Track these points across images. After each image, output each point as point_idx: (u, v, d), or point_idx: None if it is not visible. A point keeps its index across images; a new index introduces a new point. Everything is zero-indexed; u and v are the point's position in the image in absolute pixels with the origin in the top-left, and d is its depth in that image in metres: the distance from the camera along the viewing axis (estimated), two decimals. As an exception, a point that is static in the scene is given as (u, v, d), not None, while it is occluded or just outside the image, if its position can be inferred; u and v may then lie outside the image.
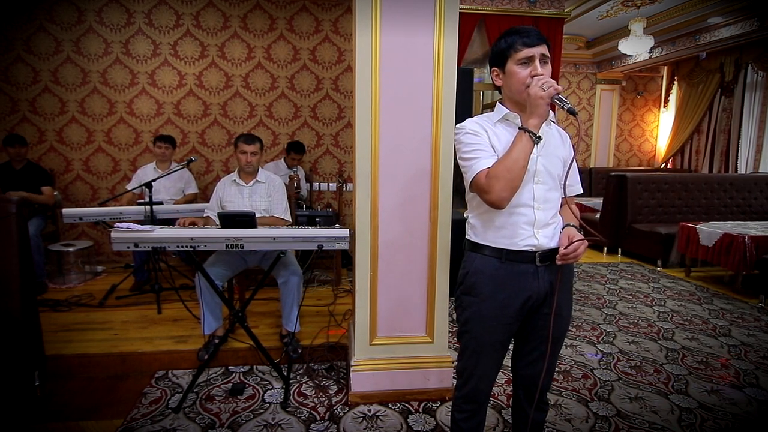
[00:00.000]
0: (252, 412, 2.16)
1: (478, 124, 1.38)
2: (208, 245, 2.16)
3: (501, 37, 1.35)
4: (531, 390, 1.51)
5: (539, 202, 1.34)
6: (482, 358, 1.45)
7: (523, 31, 1.30)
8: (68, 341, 2.68)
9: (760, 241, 3.89)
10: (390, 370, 2.27)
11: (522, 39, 1.28)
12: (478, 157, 1.32)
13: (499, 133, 1.37)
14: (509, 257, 1.36)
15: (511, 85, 1.33)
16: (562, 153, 1.41)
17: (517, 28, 1.32)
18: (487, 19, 4.37)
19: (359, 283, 2.23)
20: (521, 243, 1.34)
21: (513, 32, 1.32)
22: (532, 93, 1.24)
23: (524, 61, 1.29)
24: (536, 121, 1.26)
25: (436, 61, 2.07)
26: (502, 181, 1.25)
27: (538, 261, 1.35)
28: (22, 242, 2.06)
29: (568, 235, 1.32)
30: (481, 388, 1.48)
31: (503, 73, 1.35)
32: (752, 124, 6.39)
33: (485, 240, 1.39)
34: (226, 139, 4.72)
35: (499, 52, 1.34)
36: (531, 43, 1.28)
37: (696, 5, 5.19)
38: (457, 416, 1.54)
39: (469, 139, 1.36)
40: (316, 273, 4.29)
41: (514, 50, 1.29)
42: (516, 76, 1.31)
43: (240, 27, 4.56)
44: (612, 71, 7.63)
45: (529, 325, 1.45)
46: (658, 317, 3.46)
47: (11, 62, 4.29)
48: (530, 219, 1.34)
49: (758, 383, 2.49)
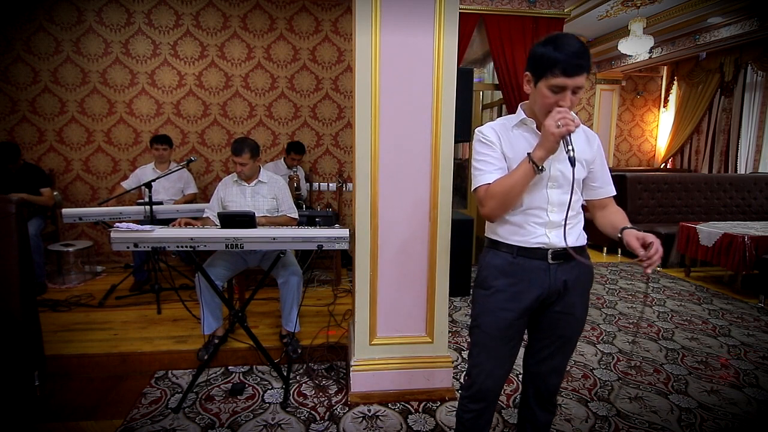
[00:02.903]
0: (252, 412, 2.16)
1: (494, 131, 1.38)
2: (207, 245, 2.17)
3: (547, 44, 1.23)
4: (540, 389, 1.50)
5: (553, 205, 1.35)
6: (491, 353, 1.44)
7: (569, 53, 1.19)
8: (68, 341, 2.68)
9: (759, 241, 3.89)
10: (390, 370, 2.27)
11: (563, 66, 1.19)
12: (484, 171, 1.36)
13: (514, 140, 1.37)
14: (521, 253, 1.37)
15: (536, 102, 1.31)
16: (586, 156, 1.39)
17: (564, 43, 1.20)
18: (487, 19, 4.37)
19: (359, 283, 2.23)
20: (532, 241, 1.36)
21: (559, 47, 1.20)
22: (547, 125, 1.22)
23: (556, 89, 1.23)
24: (543, 154, 1.25)
25: (436, 61, 2.07)
26: (497, 201, 1.32)
27: (550, 258, 1.36)
28: (22, 242, 2.06)
29: (636, 237, 1.25)
30: (489, 386, 1.47)
31: (534, 85, 1.29)
32: (752, 124, 6.39)
33: (498, 236, 1.42)
34: (226, 139, 4.72)
35: (537, 63, 1.25)
36: (570, 74, 1.20)
37: (696, 5, 5.19)
38: (464, 416, 1.53)
39: (482, 148, 1.38)
40: (316, 273, 4.29)
41: (552, 74, 1.21)
42: (543, 99, 1.27)
43: (240, 27, 4.56)
44: (612, 71, 7.63)
45: (541, 323, 1.45)
46: (658, 317, 3.46)
47: (11, 62, 4.29)
48: (543, 220, 1.36)
49: (758, 383, 2.49)
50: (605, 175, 1.47)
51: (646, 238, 1.22)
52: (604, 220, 1.47)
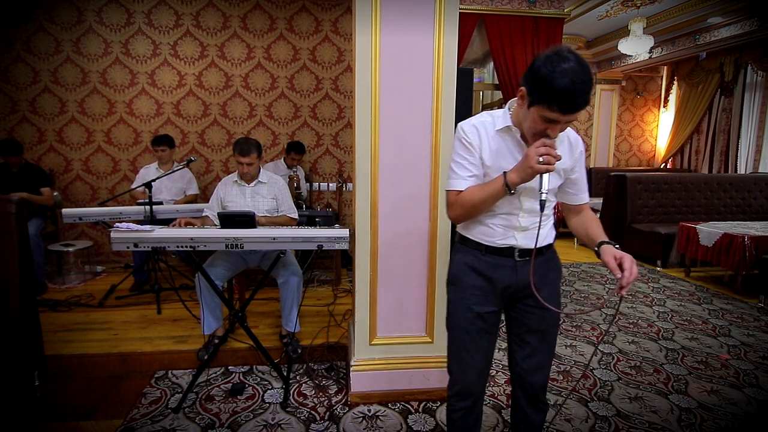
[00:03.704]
0: (252, 412, 2.16)
1: (477, 132, 1.35)
2: (207, 245, 2.17)
3: (553, 66, 1.11)
4: (527, 388, 1.51)
5: (525, 212, 1.37)
6: (469, 348, 1.46)
7: (571, 90, 1.10)
8: (68, 341, 2.68)
9: (759, 241, 3.89)
10: (390, 370, 2.27)
11: (561, 104, 1.12)
12: (459, 176, 1.37)
13: (495, 146, 1.34)
14: (489, 251, 1.41)
15: (525, 122, 1.26)
16: (564, 164, 1.35)
17: (569, 74, 1.10)
18: (487, 18, 4.37)
19: (359, 283, 2.23)
20: (500, 242, 1.39)
21: (563, 79, 1.09)
22: (529, 156, 1.18)
23: (548, 120, 1.17)
24: (518, 180, 1.23)
25: (436, 61, 2.07)
26: (465, 210, 1.36)
27: (517, 256, 1.39)
28: (22, 242, 2.06)
29: (615, 256, 1.23)
30: (471, 381, 1.49)
31: (527, 103, 1.21)
32: (752, 124, 6.39)
33: (468, 234, 1.45)
34: (226, 139, 4.72)
35: (536, 85, 1.15)
36: (568, 112, 1.14)
37: (696, 5, 5.18)
38: (452, 416, 1.55)
39: (461, 149, 1.36)
40: (316, 273, 4.29)
41: (548, 107, 1.14)
42: (533, 124, 1.22)
43: (240, 27, 4.56)
44: (612, 71, 7.62)
45: (515, 318, 1.48)
46: (658, 317, 3.46)
47: (11, 62, 4.29)
48: (513, 224, 1.38)
49: (758, 383, 2.49)
50: (582, 183, 1.47)
51: (624, 260, 1.22)
52: (578, 226, 1.49)
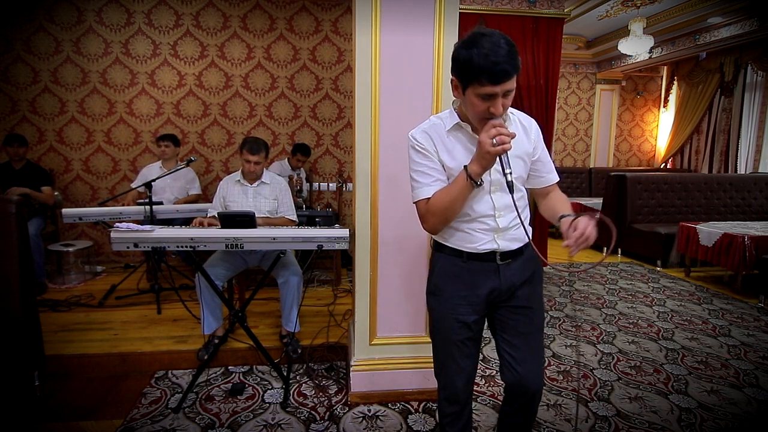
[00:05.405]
0: (252, 412, 2.16)
1: (429, 137, 1.32)
2: (207, 245, 2.17)
3: (470, 47, 1.13)
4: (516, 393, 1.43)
5: (500, 210, 1.33)
6: (454, 355, 1.44)
7: (492, 59, 1.10)
8: (68, 341, 2.68)
9: (759, 241, 3.89)
10: (390, 370, 2.27)
11: (489, 74, 1.11)
12: (422, 183, 1.33)
13: (451, 146, 1.31)
14: (471, 257, 1.37)
15: (468, 110, 1.25)
16: (524, 149, 1.34)
17: (488, 47, 1.11)
18: (487, 19, 4.37)
19: (359, 283, 2.23)
20: (481, 247, 1.35)
21: (483, 52, 1.11)
22: (483, 142, 1.15)
23: (485, 97, 1.16)
24: (480, 170, 1.20)
25: (436, 61, 2.07)
26: (438, 217, 1.31)
27: (499, 260, 1.37)
28: (22, 242, 2.06)
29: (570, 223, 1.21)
30: (458, 385, 1.47)
31: (462, 92, 1.21)
32: (752, 124, 6.39)
33: (447, 242, 1.41)
34: (226, 139, 4.72)
35: (461, 69, 1.16)
36: (498, 81, 1.12)
37: (696, 5, 5.19)
38: (443, 420, 1.55)
39: (417, 157, 1.33)
40: (316, 273, 4.29)
41: (479, 82, 1.13)
42: (474, 108, 1.20)
43: (240, 27, 4.56)
44: (612, 71, 7.63)
45: (500, 322, 1.44)
46: (658, 317, 3.46)
47: (11, 62, 4.29)
48: (491, 227, 1.34)
49: (758, 383, 2.49)
50: (548, 162, 1.43)
51: (578, 223, 1.19)
52: (546, 207, 1.45)
